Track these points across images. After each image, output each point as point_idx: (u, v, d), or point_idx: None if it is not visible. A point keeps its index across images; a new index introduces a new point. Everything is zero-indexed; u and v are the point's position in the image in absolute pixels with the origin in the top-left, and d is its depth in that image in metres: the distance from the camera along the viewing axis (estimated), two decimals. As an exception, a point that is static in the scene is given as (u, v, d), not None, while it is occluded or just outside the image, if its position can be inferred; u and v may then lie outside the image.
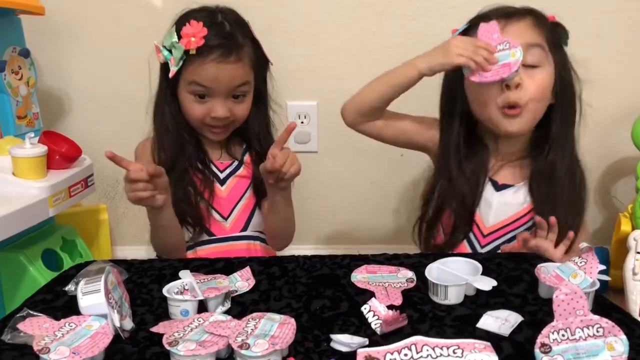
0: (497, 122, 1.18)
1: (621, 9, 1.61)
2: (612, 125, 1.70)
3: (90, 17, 1.67)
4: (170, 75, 1.23)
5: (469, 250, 1.25)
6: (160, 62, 1.26)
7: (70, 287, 0.94)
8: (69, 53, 1.69)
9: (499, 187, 1.23)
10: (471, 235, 1.25)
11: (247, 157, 1.35)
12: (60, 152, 1.37)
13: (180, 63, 1.21)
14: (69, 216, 1.56)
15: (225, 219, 1.32)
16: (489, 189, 1.24)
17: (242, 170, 1.34)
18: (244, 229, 1.33)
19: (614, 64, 1.65)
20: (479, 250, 1.24)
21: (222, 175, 1.33)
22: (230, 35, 1.22)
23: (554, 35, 1.19)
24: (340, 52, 1.67)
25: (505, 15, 1.17)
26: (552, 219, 1.14)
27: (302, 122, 1.74)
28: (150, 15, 1.65)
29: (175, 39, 1.20)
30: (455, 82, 1.24)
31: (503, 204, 1.23)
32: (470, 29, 1.20)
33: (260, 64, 1.30)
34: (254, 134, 1.34)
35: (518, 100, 1.15)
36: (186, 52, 1.20)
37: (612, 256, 1.59)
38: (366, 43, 1.66)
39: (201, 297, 0.88)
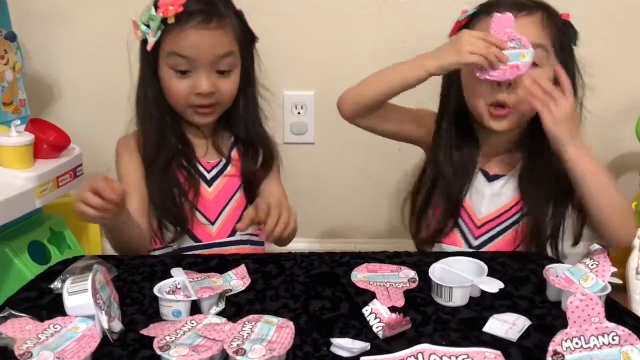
0: (483, 118, 1.15)
1: (624, 4, 1.58)
2: (615, 121, 1.68)
3: (80, 1, 1.61)
4: (149, 47, 1.15)
5: (462, 241, 1.21)
6: (139, 41, 1.18)
7: (56, 285, 0.89)
8: (57, 38, 1.63)
9: (490, 178, 1.21)
10: (464, 227, 1.22)
11: (234, 153, 1.27)
12: (48, 140, 1.32)
13: (159, 33, 1.13)
14: (58, 207, 1.51)
15: (212, 223, 1.24)
16: (480, 180, 1.21)
17: (230, 169, 1.26)
18: (232, 234, 1.25)
19: (618, 60, 1.62)
20: (473, 241, 1.21)
21: (209, 176, 1.25)
22: (210, 2, 1.15)
23: (563, 35, 1.14)
24: (339, 42, 1.63)
25: (516, 6, 1.11)
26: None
27: (298, 113, 1.69)
28: (141, 0, 1.60)
29: (152, 11, 1.13)
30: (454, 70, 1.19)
31: (495, 195, 1.21)
32: (478, 14, 1.15)
33: (246, 38, 1.22)
34: (241, 120, 1.26)
35: (507, 101, 1.11)
36: (164, 21, 1.12)
37: (614, 255, 1.55)
38: (366, 33, 1.62)
39: (194, 297, 0.83)
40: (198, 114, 1.20)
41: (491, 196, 1.20)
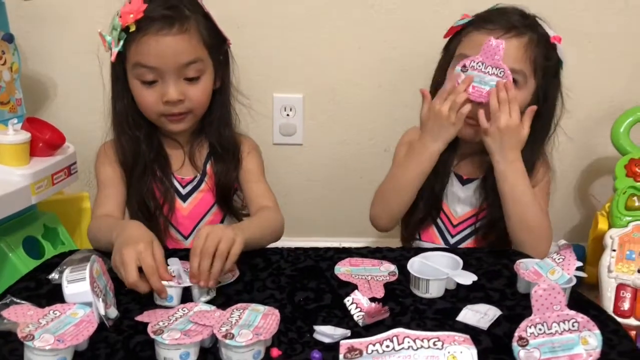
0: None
1: (602, 10, 1.64)
2: (591, 126, 1.73)
3: (76, 2, 1.65)
4: (112, 58, 1.12)
5: (440, 239, 1.28)
6: (107, 52, 1.15)
7: (54, 276, 0.94)
8: (54, 39, 1.66)
9: (464, 182, 1.27)
10: (442, 225, 1.28)
11: (209, 167, 1.25)
12: (44, 139, 1.36)
13: (121, 43, 1.09)
14: (51, 204, 1.54)
15: (186, 238, 1.25)
16: (455, 184, 1.27)
17: (204, 185, 1.25)
18: None
19: (594, 65, 1.67)
20: (450, 239, 1.28)
21: (183, 191, 1.24)
22: (172, 7, 1.10)
23: (547, 60, 1.17)
24: (327, 47, 1.68)
25: (508, 25, 1.14)
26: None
27: (287, 115, 1.74)
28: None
29: (116, 20, 1.10)
30: (442, 68, 1.25)
31: (468, 197, 1.26)
32: (468, 27, 1.19)
33: (215, 41, 1.17)
34: (214, 125, 1.23)
35: (476, 114, 1.16)
36: (126, 30, 1.08)
37: (588, 253, 1.62)
38: (353, 37, 1.67)
39: (187, 284, 0.88)
40: (171, 122, 1.18)
41: (465, 198, 1.25)
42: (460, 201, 1.26)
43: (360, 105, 1.73)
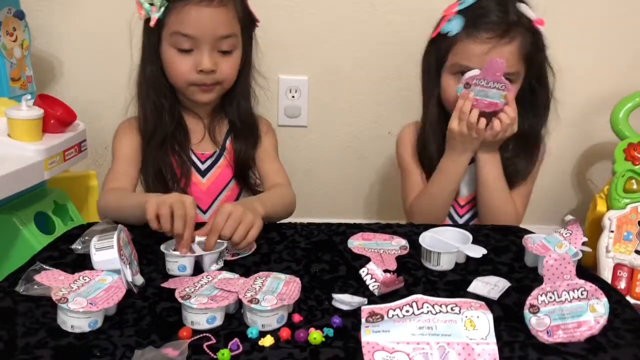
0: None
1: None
2: (590, 112, 1.77)
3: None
4: (152, 23, 1.15)
5: (448, 220, 1.32)
6: (142, 20, 1.20)
7: (76, 246, 0.96)
8: (61, 16, 1.67)
9: (470, 162, 1.30)
10: (450, 207, 1.32)
11: (228, 142, 1.30)
12: (56, 115, 1.37)
13: (162, 9, 1.14)
14: (59, 181, 1.56)
15: (205, 212, 1.29)
16: None
17: (223, 160, 1.29)
18: None
19: (592, 51, 1.71)
20: (458, 219, 1.32)
21: (202, 167, 1.28)
22: None
23: (535, 47, 1.22)
24: (332, 28, 1.70)
25: (497, 29, 1.18)
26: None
27: (292, 97, 1.76)
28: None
29: None
30: (433, 70, 1.30)
31: (473, 178, 1.30)
32: (459, 35, 1.22)
33: (247, 20, 1.23)
34: (236, 101, 1.28)
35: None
36: None
37: (585, 235, 1.66)
38: (359, 19, 1.69)
39: (198, 253, 0.91)
40: (201, 92, 1.21)
41: (471, 179, 1.30)
42: (465, 182, 1.29)
43: (364, 88, 1.76)
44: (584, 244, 0.94)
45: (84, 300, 0.75)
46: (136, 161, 1.26)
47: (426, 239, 0.99)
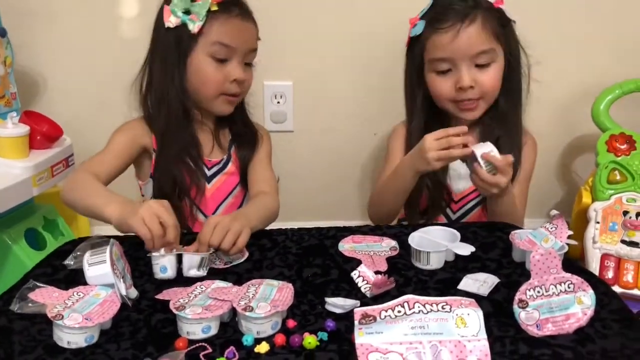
0: (454, 113, 1.30)
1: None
2: (572, 104, 1.80)
3: (66, -4, 1.66)
4: (196, 30, 1.18)
5: (442, 217, 1.34)
6: (170, 27, 1.20)
7: (69, 262, 0.97)
8: (43, 32, 1.66)
9: (463, 158, 1.31)
10: (444, 204, 1.34)
11: (233, 151, 1.32)
12: (42, 131, 1.38)
13: (204, 19, 1.18)
14: (48, 196, 1.56)
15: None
16: (455, 162, 1.32)
17: (230, 167, 1.31)
18: None
19: (576, 42, 1.74)
20: (452, 215, 1.34)
21: (209, 173, 1.30)
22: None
23: (502, 26, 1.26)
24: (316, 33, 1.71)
25: (458, 16, 1.22)
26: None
27: (278, 102, 1.77)
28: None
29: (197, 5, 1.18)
30: (414, 77, 1.33)
31: (468, 173, 1.31)
32: (425, 33, 1.26)
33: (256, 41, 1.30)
34: (239, 110, 1.33)
35: (472, 97, 1.26)
36: (209, 10, 1.18)
37: (572, 227, 1.68)
38: (341, 24, 1.70)
39: (178, 253, 0.93)
40: (228, 103, 1.26)
41: (466, 174, 1.31)
42: (461, 177, 1.31)
43: (348, 91, 1.77)
44: (569, 237, 0.96)
45: (79, 315, 0.75)
46: (125, 160, 1.26)
47: (415, 239, 1.01)
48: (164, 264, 0.92)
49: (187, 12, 1.19)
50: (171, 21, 1.19)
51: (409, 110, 1.37)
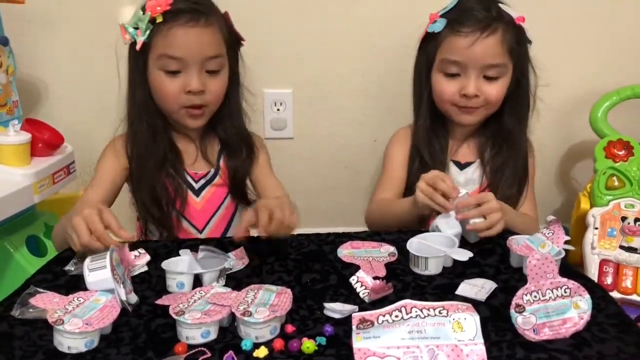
0: (453, 116, 1.31)
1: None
2: (571, 111, 1.81)
3: (67, 4, 1.67)
4: (138, 46, 1.15)
5: None
6: (128, 44, 1.20)
7: (69, 267, 0.97)
8: (46, 41, 1.68)
9: (462, 166, 1.33)
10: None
11: (222, 162, 1.31)
12: (43, 139, 1.39)
13: (147, 33, 1.14)
14: (49, 203, 1.56)
15: (200, 231, 1.29)
16: (453, 170, 1.34)
17: (218, 179, 1.30)
18: None
19: (572, 49, 1.75)
20: None
21: (196, 186, 1.28)
22: (197, 2, 1.16)
23: (518, 43, 1.27)
24: (315, 41, 1.72)
25: (480, 24, 1.22)
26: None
27: (278, 110, 1.78)
28: (127, 3, 1.67)
29: (140, 13, 1.16)
30: (423, 73, 1.34)
31: (469, 180, 1.34)
32: (443, 32, 1.27)
33: (232, 40, 1.24)
34: (227, 121, 1.28)
35: (474, 105, 1.27)
36: (152, 21, 1.14)
37: (571, 233, 1.69)
38: (341, 32, 1.71)
39: (197, 271, 0.93)
40: (190, 116, 1.21)
41: (465, 182, 1.32)
42: (461, 185, 1.31)
43: (347, 97, 1.78)
44: (567, 242, 0.97)
45: (79, 320, 0.76)
46: (116, 184, 1.26)
47: (414, 245, 1.01)
48: (181, 280, 0.92)
49: (136, 27, 1.17)
50: (127, 38, 1.19)
51: (416, 108, 1.37)
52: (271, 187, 1.31)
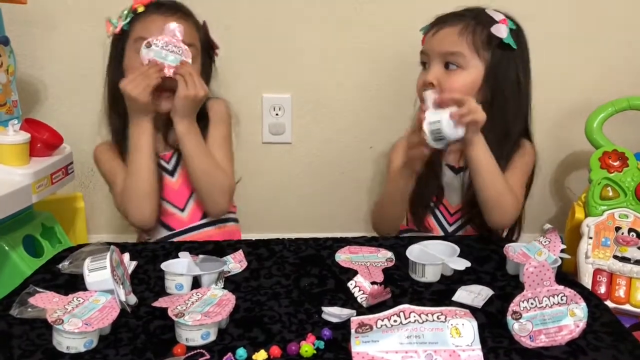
0: None
1: (575, 7, 1.73)
2: (566, 121, 1.82)
3: (68, 5, 1.68)
4: (116, 30, 1.26)
5: (439, 229, 1.34)
6: (110, 37, 1.30)
7: (63, 264, 0.98)
8: (46, 41, 1.69)
9: (457, 171, 1.33)
10: (440, 215, 1.35)
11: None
12: (43, 139, 1.39)
13: (128, 19, 1.25)
14: (46, 204, 1.56)
15: (182, 210, 1.33)
16: (448, 174, 1.34)
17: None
18: (204, 216, 1.33)
19: (568, 61, 1.77)
20: (448, 227, 1.34)
21: (169, 167, 1.33)
22: (181, 4, 1.30)
23: (492, 38, 1.26)
24: (314, 47, 1.73)
25: (447, 20, 1.28)
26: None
27: (276, 114, 1.79)
28: (128, 5, 1.68)
29: (125, 10, 1.28)
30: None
31: (463, 185, 1.33)
32: (433, 26, 1.31)
33: (206, 43, 1.34)
34: None
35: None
36: (134, 11, 1.25)
37: (565, 242, 1.70)
38: (339, 37, 1.73)
39: (195, 273, 0.93)
40: (162, 99, 1.25)
41: (461, 186, 1.33)
42: (455, 189, 1.33)
43: (345, 104, 1.79)
44: (562, 251, 0.98)
45: (79, 321, 0.76)
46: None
47: (414, 252, 1.02)
48: (180, 282, 0.93)
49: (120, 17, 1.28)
50: (109, 30, 1.28)
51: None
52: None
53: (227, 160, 1.34)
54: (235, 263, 1.03)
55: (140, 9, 1.24)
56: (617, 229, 1.46)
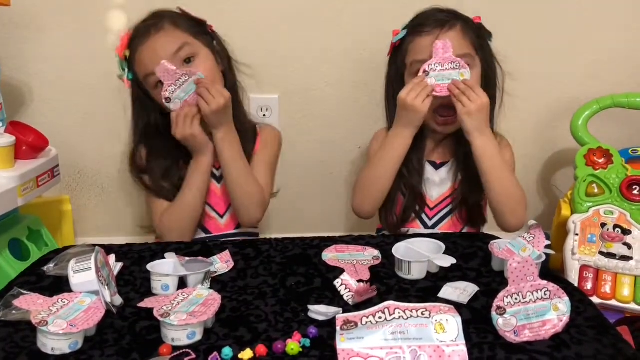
0: (430, 123, 1.33)
1: (558, 5, 1.75)
2: (552, 119, 1.84)
3: (53, 8, 1.67)
4: (126, 86, 1.31)
5: (418, 223, 1.37)
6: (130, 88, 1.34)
7: (49, 266, 0.97)
8: (31, 44, 1.68)
9: (437, 166, 1.36)
10: (419, 211, 1.37)
11: None
12: (28, 142, 1.38)
13: (126, 69, 1.29)
14: (33, 207, 1.56)
15: (222, 216, 1.37)
16: (429, 170, 1.37)
17: None
18: (238, 226, 1.37)
19: (553, 59, 1.78)
20: (428, 221, 1.36)
21: (218, 173, 1.36)
22: (144, 20, 1.29)
23: (480, 37, 1.32)
24: (301, 47, 1.73)
25: (439, 23, 1.28)
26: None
27: (264, 115, 1.79)
28: (113, 8, 1.68)
29: (118, 59, 1.30)
30: (395, 82, 1.37)
31: (443, 180, 1.37)
32: (408, 37, 1.32)
33: (196, 27, 1.32)
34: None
35: (447, 110, 1.29)
36: (125, 59, 1.28)
37: (552, 239, 1.71)
38: (327, 38, 1.73)
39: (181, 274, 0.93)
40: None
41: (440, 182, 1.34)
42: (436, 185, 1.34)
43: (333, 104, 1.79)
44: (547, 247, 0.99)
45: (63, 322, 0.76)
46: None
47: (400, 250, 1.02)
48: (166, 283, 0.93)
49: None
50: (126, 84, 1.33)
51: (389, 118, 1.40)
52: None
53: (266, 178, 1.38)
54: (222, 263, 1.03)
55: (127, 53, 1.27)
56: (603, 225, 1.47)
